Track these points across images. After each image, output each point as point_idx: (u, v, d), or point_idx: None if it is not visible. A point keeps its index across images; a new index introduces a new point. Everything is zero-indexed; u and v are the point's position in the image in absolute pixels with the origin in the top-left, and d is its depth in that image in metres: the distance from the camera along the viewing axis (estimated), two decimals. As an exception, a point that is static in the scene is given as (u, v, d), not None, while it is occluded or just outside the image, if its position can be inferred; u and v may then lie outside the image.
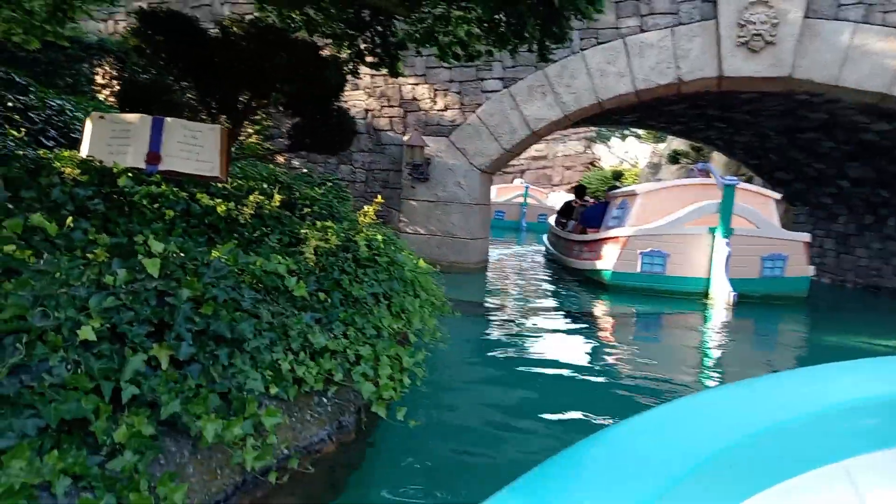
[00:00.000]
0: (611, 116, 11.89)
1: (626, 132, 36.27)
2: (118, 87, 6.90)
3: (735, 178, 8.62)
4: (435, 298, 4.24)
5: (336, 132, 5.01)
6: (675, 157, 16.78)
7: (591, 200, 12.21)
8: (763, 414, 0.75)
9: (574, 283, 9.46)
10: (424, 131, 9.49)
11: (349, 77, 5.85)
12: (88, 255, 2.10)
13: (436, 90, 9.41)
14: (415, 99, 9.53)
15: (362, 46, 5.38)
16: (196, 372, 1.89)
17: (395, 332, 3.17)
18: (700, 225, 8.07)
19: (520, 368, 4.89)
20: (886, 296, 9.92)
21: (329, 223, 3.68)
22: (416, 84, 9.50)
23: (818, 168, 10.78)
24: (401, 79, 9.52)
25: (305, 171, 10.07)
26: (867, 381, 0.80)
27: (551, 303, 8.03)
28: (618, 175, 22.12)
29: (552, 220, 13.40)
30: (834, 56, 7.54)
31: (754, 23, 7.70)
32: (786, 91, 8.35)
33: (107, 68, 8.75)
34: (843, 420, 0.72)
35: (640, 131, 35.25)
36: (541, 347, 5.66)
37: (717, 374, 5.25)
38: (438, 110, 9.42)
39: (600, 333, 6.61)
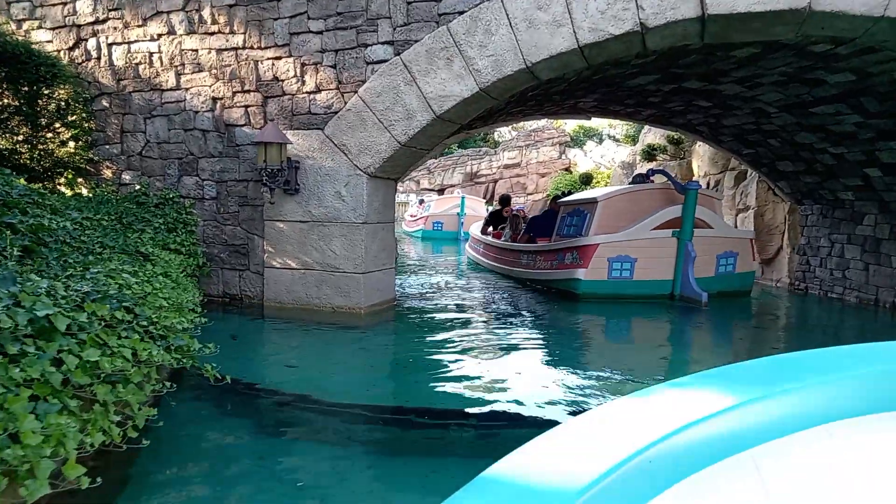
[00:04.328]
0: (562, 101, 9.20)
1: (603, 136, 34.52)
2: None
3: (697, 182, 9.06)
4: None
5: None
6: (650, 154, 14.12)
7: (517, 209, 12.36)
8: (676, 413, 0.78)
9: (538, 303, 8.25)
10: (291, 123, 6.72)
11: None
12: None
13: (304, 64, 6.64)
14: (276, 79, 6.76)
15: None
16: None
17: None
18: (664, 229, 8.26)
19: None
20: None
21: None
22: (277, 58, 6.73)
23: (836, 153, 8.11)
24: (257, 51, 6.78)
25: (139, 186, 7.26)
26: (769, 377, 0.86)
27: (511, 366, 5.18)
28: (587, 179, 19.62)
29: (474, 229, 13.79)
30: (880, -32, 4.87)
31: (750, -70, 5.03)
32: (799, 40, 5.68)
33: None
34: (748, 413, 0.78)
35: (617, 133, 33.23)
36: None
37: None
38: (308, 93, 6.66)
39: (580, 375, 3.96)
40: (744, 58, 6.49)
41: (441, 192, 33.87)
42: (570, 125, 34.89)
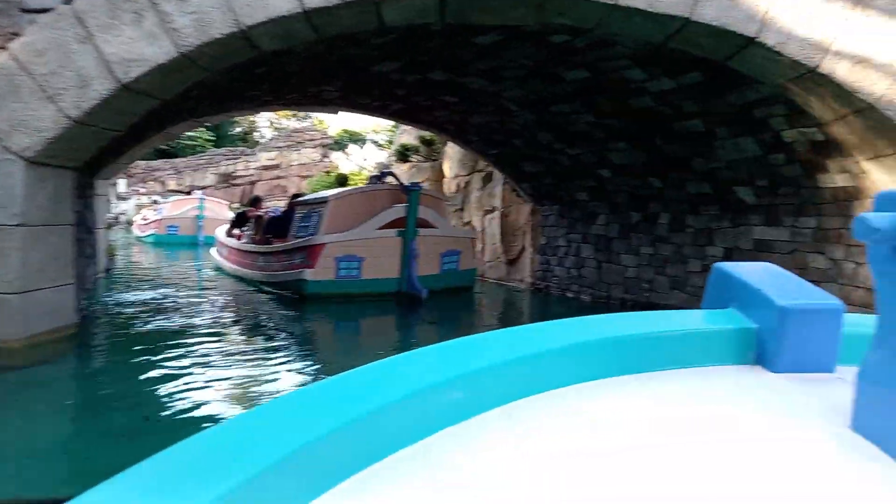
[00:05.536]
0: (303, 88, 8.23)
1: (367, 140, 34.45)
2: None
3: (418, 183, 9.57)
4: None
5: None
6: (403, 154, 13.80)
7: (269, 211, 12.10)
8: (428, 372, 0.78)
9: (268, 309, 8.08)
10: None
11: None
12: None
13: (-75, 6, 4.78)
14: None
15: None
16: None
17: None
18: (390, 228, 8.43)
19: None
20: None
21: None
22: None
23: (573, 154, 8.28)
24: None
25: None
26: (523, 341, 0.88)
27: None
28: (342, 180, 19.05)
29: (220, 232, 13.16)
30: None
31: None
32: (539, 27, 5.39)
33: None
34: (505, 372, 0.80)
35: (380, 138, 33.13)
36: None
37: None
38: (-67, 45, 4.80)
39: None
40: (486, 46, 6.11)
41: (189, 193, 31.24)
42: (334, 128, 34.43)
